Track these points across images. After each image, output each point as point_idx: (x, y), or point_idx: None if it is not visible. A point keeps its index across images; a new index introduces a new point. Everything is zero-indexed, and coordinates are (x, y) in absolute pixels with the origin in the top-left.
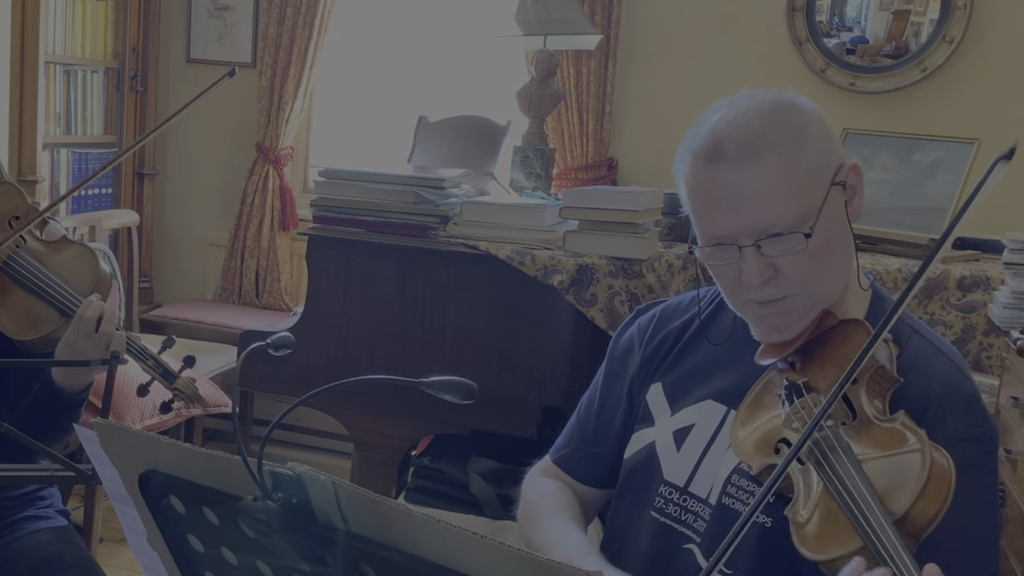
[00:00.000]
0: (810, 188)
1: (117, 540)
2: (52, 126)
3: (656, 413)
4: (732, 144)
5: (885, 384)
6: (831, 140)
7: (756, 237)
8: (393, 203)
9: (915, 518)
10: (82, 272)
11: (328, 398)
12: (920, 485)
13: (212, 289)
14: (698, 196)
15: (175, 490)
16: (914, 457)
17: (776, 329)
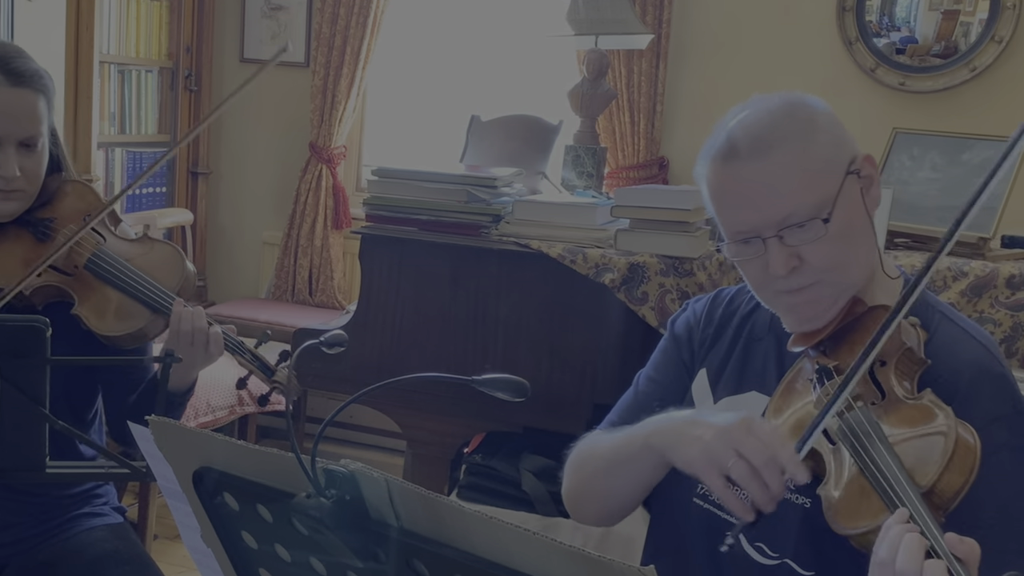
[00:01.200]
0: (825, 177)
1: (171, 537)
2: (107, 125)
3: (698, 400)
4: (745, 142)
5: (913, 366)
6: (842, 133)
7: (778, 228)
8: (445, 202)
9: (942, 490)
10: (170, 269)
11: (381, 396)
12: (946, 458)
13: (265, 287)
14: (719, 195)
15: (229, 487)
16: (940, 431)
17: (807, 318)
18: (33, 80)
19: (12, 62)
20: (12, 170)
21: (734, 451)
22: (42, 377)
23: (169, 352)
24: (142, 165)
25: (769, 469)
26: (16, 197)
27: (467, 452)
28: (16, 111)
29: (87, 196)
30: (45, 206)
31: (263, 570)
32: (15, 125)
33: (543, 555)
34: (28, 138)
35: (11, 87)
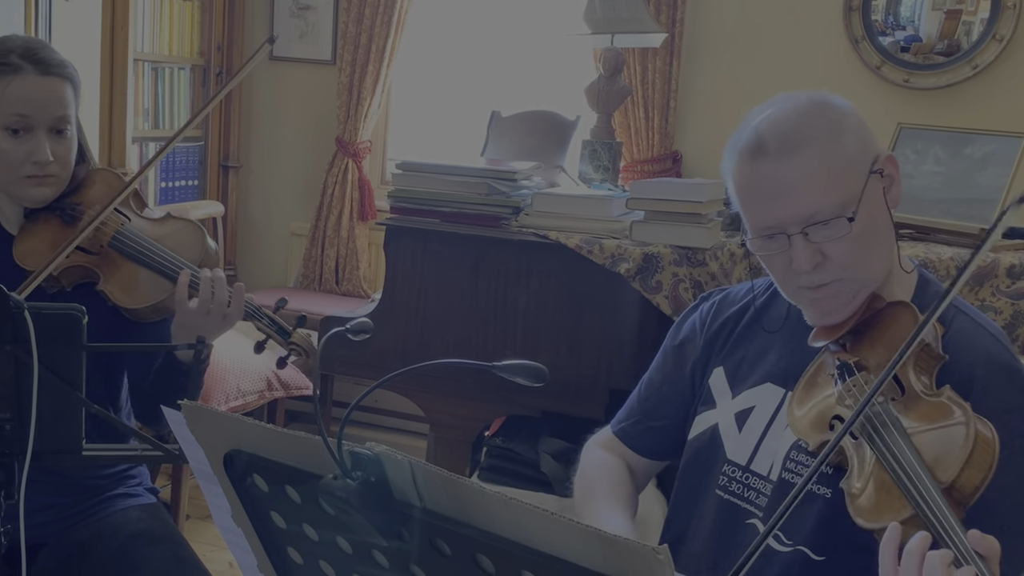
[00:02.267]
0: (850, 176)
1: (203, 517)
2: (140, 121)
3: (718, 396)
4: (774, 140)
5: (931, 361)
6: (867, 133)
7: (803, 225)
8: (467, 194)
9: (962, 486)
10: (190, 243)
11: (405, 381)
12: (966, 454)
13: (294, 277)
14: (746, 191)
15: (259, 469)
16: (959, 428)
17: (827, 312)
18: (60, 68)
19: (39, 52)
20: (46, 154)
21: None
22: (78, 363)
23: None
24: (175, 159)
25: None
26: (50, 183)
27: (488, 435)
28: (46, 98)
29: (113, 182)
30: (74, 193)
31: (291, 549)
32: (45, 111)
33: (561, 534)
34: (58, 122)
35: (40, 75)
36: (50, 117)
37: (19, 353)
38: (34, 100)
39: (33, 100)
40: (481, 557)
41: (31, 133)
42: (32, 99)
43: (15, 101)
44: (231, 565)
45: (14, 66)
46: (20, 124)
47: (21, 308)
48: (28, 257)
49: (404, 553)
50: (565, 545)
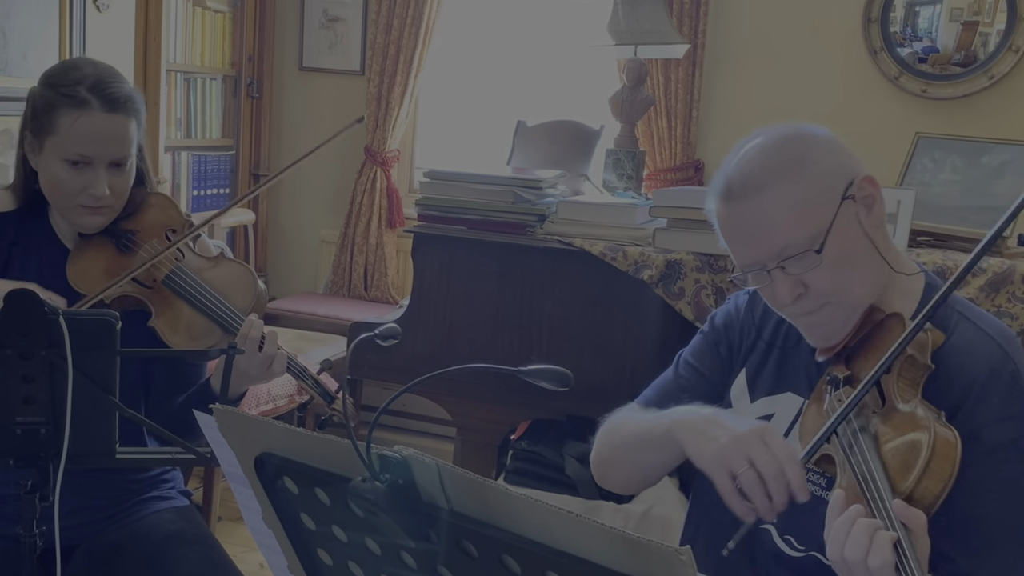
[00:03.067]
0: (815, 209)
1: (234, 518)
2: (173, 130)
3: (735, 399)
4: (738, 183)
5: (916, 372)
6: (838, 160)
7: (777, 260)
8: (493, 202)
9: (920, 496)
10: (242, 290)
11: (432, 385)
12: (923, 464)
13: (323, 283)
14: (724, 232)
15: (289, 472)
16: (921, 437)
17: (824, 337)
18: (127, 105)
19: (108, 87)
20: (103, 189)
21: (747, 458)
22: (112, 368)
23: (232, 344)
24: (206, 168)
25: (776, 482)
26: (104, 212)
27: (513, 439)
28: (109, 136)
29: (169, 210)
30: (129, 217)
31: (321, 550)
32: (107, 148)
33: (585, 536)
34: (119, 160)
35: (106, 113)
36: (111, 155)
37: (54, 358)
38: (97, 138)
39: (96, 138)
40: (507, 558)
41: (90, 166)
42: (96, 137)
43: (78, 138)
44: (262, 566)
45: (80, 100)
46: (81, 159)
47: (56, 314)
48: (81, 280)
49: (431, 554)
50: (590, 546)
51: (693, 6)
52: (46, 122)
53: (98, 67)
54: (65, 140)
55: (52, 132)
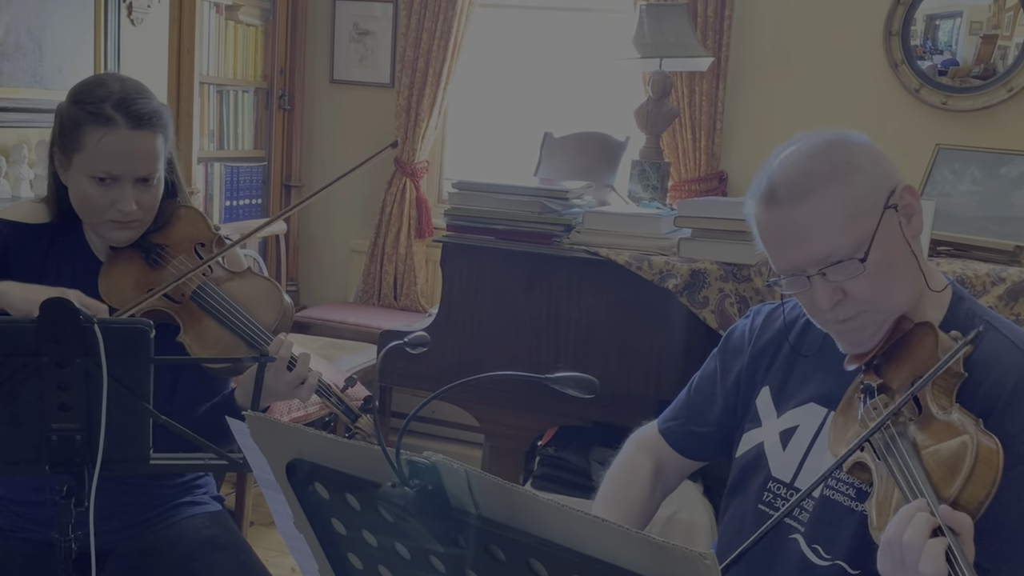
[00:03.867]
0: (861, 217)
1: (266, 523)
2: (206, 142)
3: (763, 415)
4: (784, 188)
5: (951, 380)
6: (881, 168)
7: (819, 266)
8: (521, 213)
9: (965, 502)
10: (269, 306)
11: (461, 392)
12: (968, 471)
13: (354, 292)
14: (765, 236)
15: (320, 477)
16: (964, 445)
17: (856, 343)
18: (152, 121)
19: (134, 104)
20: (130, 205)
21: None
22: (146, 375)
23: (264, 353)
24: (239, 178)
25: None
26: (133, 227)
27: (541, 445)
28: (135, 153)
29: (198, 223)
30: (159, 231)
31: (351, 554)
32: (133, 165)
33: (611, 540)
34: (145, 175)
35: (131, 130)
36: (138, 171)
37: (89, 366)
38: (123, 156)
39: (122, 156)
40: (534, 562)
41: (117, 183)
42: (121, 155)
43: (104, 155)
44: (293, 570)
45: (106, 118)
46: (107, 176)
47: (91, 322)
48: (112, 294)
49: (460, 558)
50: (616, 551)
51: (717, 20)
52: (73, 139)
53: (125, 83)
54: (92, 157)
55: (79, 149)
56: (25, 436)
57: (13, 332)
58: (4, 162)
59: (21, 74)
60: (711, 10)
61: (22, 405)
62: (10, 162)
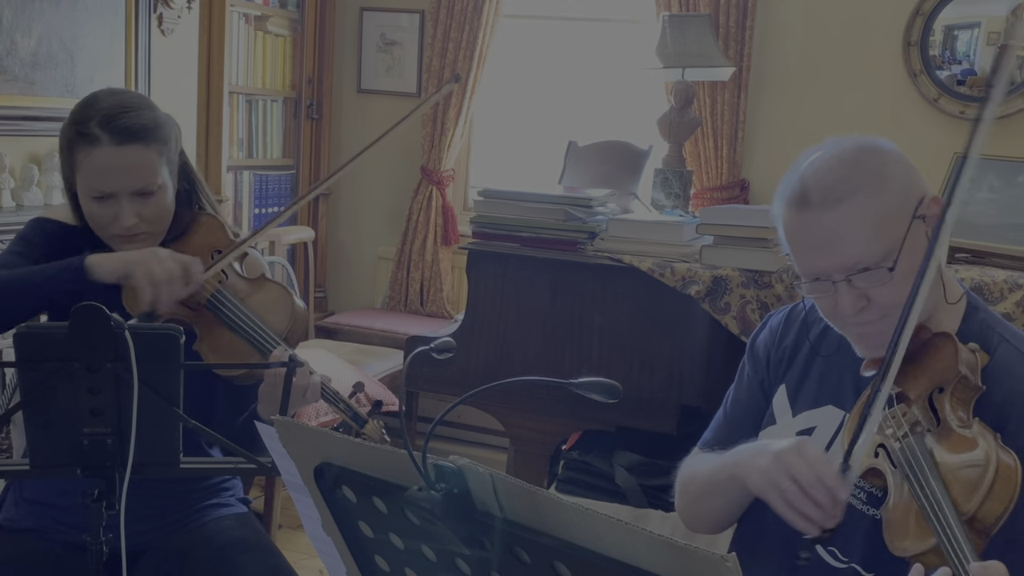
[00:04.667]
0: (891, 225)
1: (294, 526)
2: (235, 150)
3: (778, 414)
4: (817, 192)
5: (969, 392)
6: (910, 177)
7: (846, 273)
8: (545, 220)
9: (983, 517)
10: (279, 311)
11: (486, 397)
12: (987, 487)
13: (380, 298)
14: (792, 239)
15: (347, 481)
16: (983, 461)
17: (875, 347)
18: (139, 135)
19: (118, 120)
20: (130, 219)
21: (788, 475)
22: (176, 380)
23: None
24: (268, 187)
25: (816, 489)
26: (141, 239)
27: (565, 449)
28: (123, 168)
29: (216, 231)
30: (177, 240)
31: (378, 557)
32: (124, 181)
33: (634, 543)
34: (141, 189)
35: (116, 146)
36: (130, 186)
37: (120, 371)
38: (110, 172)
39: (109, 172)
40: (559, 564)
41: (114, 198)
42: (108, 171)
43: (92, 173)
44: (321, 572)
45: (91, 136)
46: (100, 194)
47: (122, 328)
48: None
49: (485, 561)
50: (638, 553)
51: (739, 30)
52: (69, 160)
53: (118, 97)
54: (85, 177)
55: (76, 169)
56: (57, 440)
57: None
58: (36, 170)
59: (53, 84)
60: (733, 21)
61: (54, 410)
62: (42, 170)
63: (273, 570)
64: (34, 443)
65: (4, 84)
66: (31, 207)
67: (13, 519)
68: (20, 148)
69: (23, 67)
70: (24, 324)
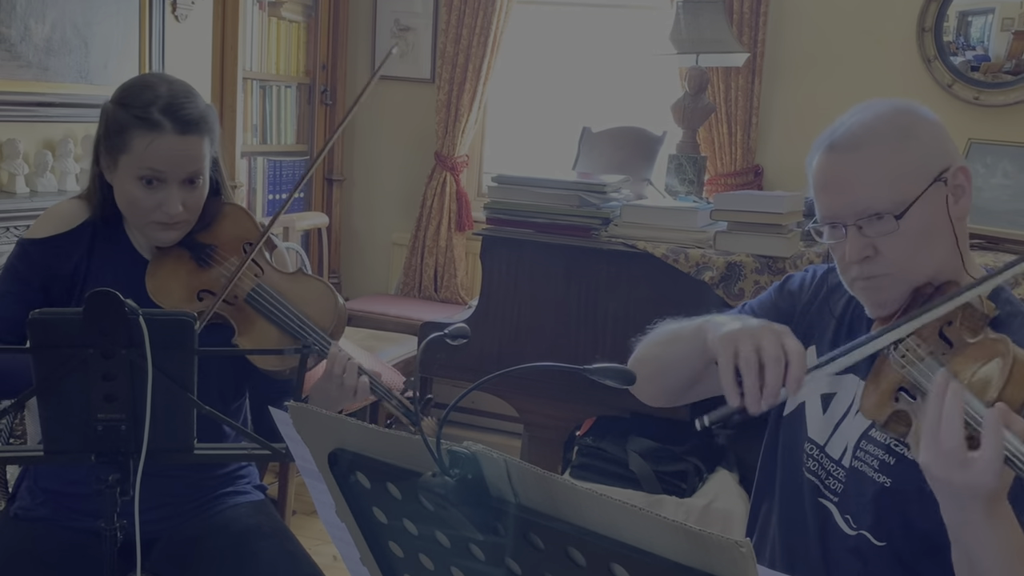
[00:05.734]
0: (908, 178)
1: (308, 512)
2: (249, 136)
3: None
4: (845, 137)
5: (978, 320)
6: (940, 144)
7: (856, 217)
8: (559, 206)
9: (1008, 402)
10: (323, 307)
11: (500, 383)
12: (1007, 374)
13: (395, 284)
14: (816, 180)
15: (361, 467)
16: (999, 353)
17: (878, 304)
18: (199, 125)
19: (182, 109)
20: (176, 207)
21: (755, 344)
22: (190, 367)
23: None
24: (282, 173)
25: (774, 367)
26: (178, 227)
27: (579, 435)
28: (182, 156)
29: (244, 221)
30: (205, 230)
31: (392, 543)
32: (180, 168)
33: (648, 529)
34: (191, 176)
35: (179, 135)
36: (184, 173)
37: (134, 357)
38: (169, 159)
39: (168, 159)
40: (573, 550)
41: (163, 184)
42: (169, 159)
43: (152, 159)
44: (335, 558)
45: (153, 122)
46: (153, 178)
47: (136, 314)
48: (161, 295)
49: (499, 547)
50: (652, 539)
51: (753, 16)
52: (119, 142)
53: (172, 85)
54: (139, 161)
55: (126, 152)
56: (72, 426)
57: (60, 324)
58: (51, 157)
59: (67, 70)
60: (747, 6)
61: (69, 396)
62: (56, 156)
63: (289, 556)
64: (48, 429)
65: (18, 70)
66: (45, 193)
67: (28, 508)
68: (34, 134)
69: (37, 53)
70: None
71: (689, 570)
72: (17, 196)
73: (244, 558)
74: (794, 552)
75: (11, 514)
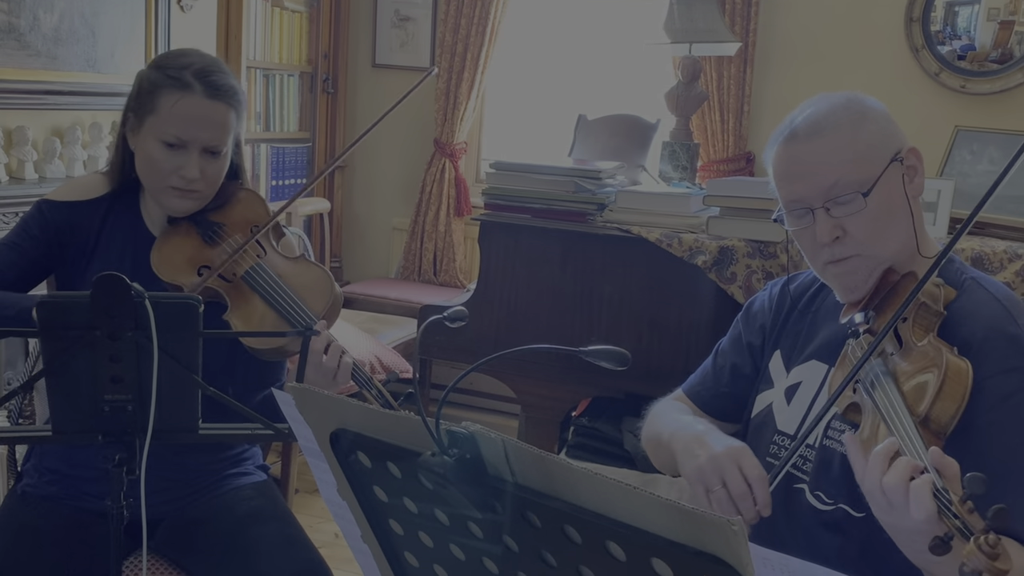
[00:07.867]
0: (869, 158)
1: (310, 491)
2: (253, 124)
3: (775, 377)
4: (805, 125)
5: (931, 317)
6: (891, 128)
7: (824, 199)
8: (556, 192)
9: (937, 417)
10: (319, 293)
11: (498, 365)
12: (937, 387)
13: (395, 268)
14: (778, 171)
15: (362, 447)
16: (934, 363)
17: (849, 288)
18: (228, 95)
19: (213, 75)
20: (193, 172)
21: (720, 479)
22: (195, 349)
23: (308, 325)
24: (284, 159)
25: (743, 501)
26: (193, 197)
27: (575, 415)
28: (207, 121)
29: (257, 207)
30: (218, 209)
31: (392, 521)
32: (203, 132)
33: (642, 507)
34: (213, 146)
35: (207, 99)
36: (206, 140)
37: (140, 339)
38: (195, 121)
39: (194, 121)
40: (569, 528)
41: (185, 149)
42: (194, 120)
43: (178, 119)
44: (337, 535)
45: (184, 83)
46: (176, 140)
47: (142, 297)
48: (163, 267)
49: (497, 525)
50: (647, 517)
51: (745, 6)
52: (148, 102)
53: (206, 58)
54: (164, 120)
55: (153, 111)
56: (79, 407)
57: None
58: (59, 143)
59: (75, 59)
60: None
61: (76, 377)
62: (64, 143)
63: (289, 540)
64: (56, 410)
65: (27, 59)
66: (53, 179)
67: (35, 485)
68: (42, 122)
69: (45, 42)
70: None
71: (682, 547)
72: (26, 182)
73: (246, 543)
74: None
75: (19, 492)
